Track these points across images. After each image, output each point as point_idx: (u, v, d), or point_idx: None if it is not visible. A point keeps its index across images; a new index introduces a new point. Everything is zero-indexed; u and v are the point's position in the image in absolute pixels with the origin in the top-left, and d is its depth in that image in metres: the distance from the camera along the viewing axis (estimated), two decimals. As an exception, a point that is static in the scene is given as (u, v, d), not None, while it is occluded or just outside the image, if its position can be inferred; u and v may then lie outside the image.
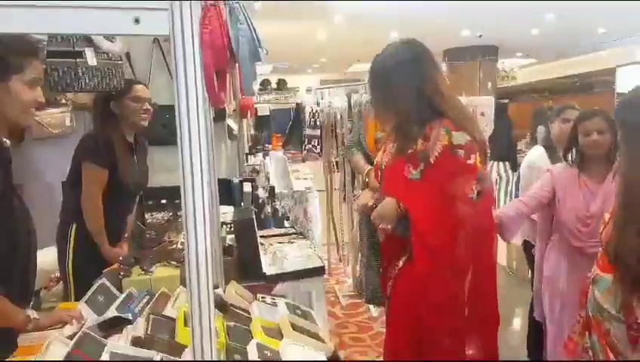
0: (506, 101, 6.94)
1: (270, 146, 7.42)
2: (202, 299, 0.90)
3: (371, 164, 2.12)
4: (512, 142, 6.45)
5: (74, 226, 2.28)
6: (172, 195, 2.72)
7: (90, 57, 1.66)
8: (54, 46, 1.65)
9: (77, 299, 1.84)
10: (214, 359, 0.91)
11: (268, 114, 10.17)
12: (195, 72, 0.89)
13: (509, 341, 3.16)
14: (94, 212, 2.24)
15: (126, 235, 2.47)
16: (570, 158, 2.27)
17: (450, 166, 1.64)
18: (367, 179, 2.08)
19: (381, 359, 2.86)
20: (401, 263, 1.74)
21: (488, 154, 1.96)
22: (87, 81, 1.70)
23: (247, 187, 2.38)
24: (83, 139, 2.34)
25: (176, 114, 0.89)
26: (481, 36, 7.47)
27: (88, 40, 1.70)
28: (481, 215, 1.68)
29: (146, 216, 2.73)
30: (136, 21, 0.87)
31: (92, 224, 2.26)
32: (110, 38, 1.74)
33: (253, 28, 1.73)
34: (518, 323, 3.64)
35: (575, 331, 1.79)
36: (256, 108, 10.34)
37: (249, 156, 5.23)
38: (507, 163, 5.92)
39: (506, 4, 5.65)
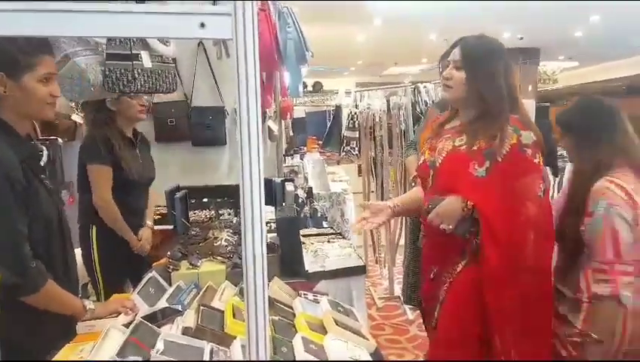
0: (548, 104, 6.80)
1: (305, 148, 7.47)
2: (258, 299, 0.94)
3: None
4: (553, 147, 6.28)
5: (94, 228, 2.38)
6: (213, 194, 2.81)
7: (146, 60, 1.74)
8: (112, 49, 1.74)
9: (106, 297, 1.91)
10: (268, 357, 0.95)
11: (303, 116, 10.24)
12: (255, 74, 0.92)
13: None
14: (109, 209, 2.33)
15: (149, 223, 2.58)
16: None
17: (520, 164, 1.63)
18: (413, 184, 2.06)
19: (418, 360, 2.87)
20: (460, 266, 1.69)
21: None
22: (142, 82, 1.78)
23: (289, 186, 2.43)
24: (83, 142, 2.44)
25: (237, 117, 0.93)
26: (522, 38, 7.35)
27: (144, 43, 1.78)
28: (548, 213, 1.70)
29: (190, 213, 2.82)
30: (202, 25, 0.92)
31: (111, 221, 2.35)
32: (164, 41, 1.82)
33: (301, 31, 1.78)
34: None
35: None
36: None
37: (286, 158, 5.30)
38: (548, 168, 5.79)
39: (549, 5, 5.54)
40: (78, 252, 2.44)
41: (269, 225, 2.36)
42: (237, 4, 0.91)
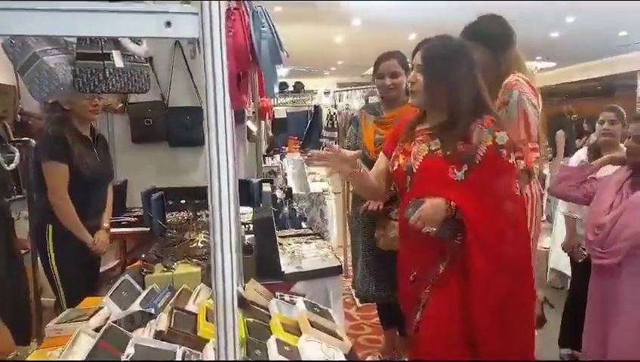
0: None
1: (287, 149, 7.45)
2: (227, 298, 0.93)
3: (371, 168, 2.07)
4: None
5: (50, 228, 2.34)
6: (191, 196, 2.79)
7: (118, 59, 1.71)
8: (83, 48, 1.71)
9: (69, 304, 1.88)
10: (238, 357, 0.94)
11: (284, 116, 10.21)
12: (222, 74, 0.91)
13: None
14: (65, 208, 2.30)
15: (105, 224, 2.55)
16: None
17: (497, 166, 1.65)
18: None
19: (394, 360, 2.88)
20: (441, 268, 1.69)
21: None
22: (113, 82, 1.75)
23: (266, 187, 2.42)
24: (39, 139, 2.44)
25: (205, 116, 0.92)
26: (499, 39, 7.43)
27: (115, 42, 1.75)
28: (525, 211, 1.77)
29: (167, 215, 2.79)
30: (168, 24, 0.90)
31: (66, 220, 2.32)
32: (136, 40, 1.79)
33: (276, 31, 1.77)
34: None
35: None
36: (273, 111, 10.43)
37: (266, 158, 5.28)
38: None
39: (525, 5, 5.61)
40: None
41: (247, 226, 2.35)
42: (204, 4, 0.90)
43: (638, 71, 8.04)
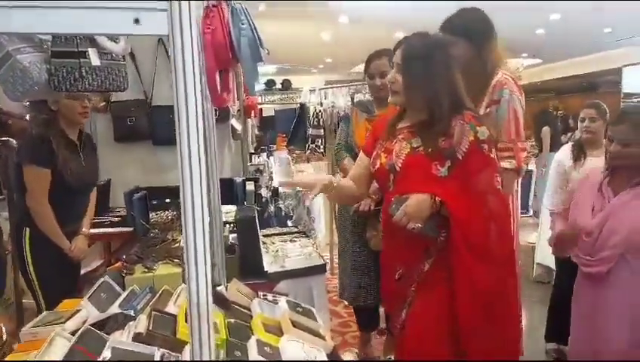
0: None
1: (275, 146, 7.42)
2: (201, 299, 0.92)
3: None
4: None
5: (27, 231, 2.29)
6: (176, 195, 2.75)
7: (94, 57, 1.68)
8: (58, 46, 1.67)
9: (47, 307, 1.85)
10: (212, 357, 0.93)
11: (273, 114, 10.18)
12: (194, 72, 0.89)
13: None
14: (43, 214, 2.25)
15: (84, 229, 2.49)
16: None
17: (479, 161, 1.66)
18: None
19: (382, 358, 2.88)
20: (427, 265, 1.69)
21: None
22: (90, 81, 1.71)
23: (249, 186, 2.40)
24: (23, 141, 2.37)
25: (176, 114, 0.90)
26: (485, 36, 7.46)
27: (91, 40, 1.71)
28: (507, 203, 1.78)
29: (151, 214, 2.76)
30: (137, 21, 0.88)
31: (44, 225, 2.26)
32: (113, 38, 1.76)
33: (255, 28, 1.75)
34: (526, 323, 3.63)
35: None
36: (260, 109, 10.38)
37: (254, 156, 5.25)
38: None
39: (511, 3, 5.63)
40: None
41: (231, 225, 2.32)
42: (173, 2, 0.88)
43: (623, 67, 8.09)
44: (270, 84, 11.13)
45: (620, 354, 1.85)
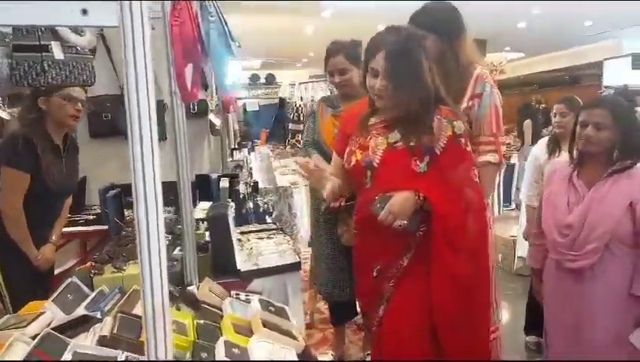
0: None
1: (259, 141, 7.37)
2: (156, 299, 0.88)
3: (329, 161, 2.01)
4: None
5: None
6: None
7: (57, 51, 1.62)
8: (19, 40, 1.61)
9: (15, 310, 1.78)
10: (169, 357, 0.89)
11: (257, 109, 10.11)
12: (145, 65, 0.85)
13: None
14: (15, 219, 2.14)
15: (54, 238, 2.36)
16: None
17: (457, 155, 1.66)
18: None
19: (362, 354, 2.87)
20: (406, 261, 1.68)
21: None
22: (53, 75, 1.65)
23: (224, 183, 2.35)
24: (3, 140, 2.22)
25: (127, 108, 0.86)
26: (468, 30, 7.47)
27: (54, 33, 1.65)
28: (483, 197, 1.77)
29: (127, 212, 2.70)
30: (84, 12, 0.84)
31: (14, 232, 2.15)
32: (78, 31, 1.70)
33: (226, 22, 1.71)
34: (507, 316, 3.65)
35: None
36: (245, 104, 10.31)
37: (236, 151, 5.20)
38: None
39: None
40: None
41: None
42: (123, -9, 0.84)
43: (604, 60, 8.16)
44: (254, 78, 11.04)
45: (609, 345, 1.85)
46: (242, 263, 1.85)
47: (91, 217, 3.10)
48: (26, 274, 2.18)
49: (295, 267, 1.90)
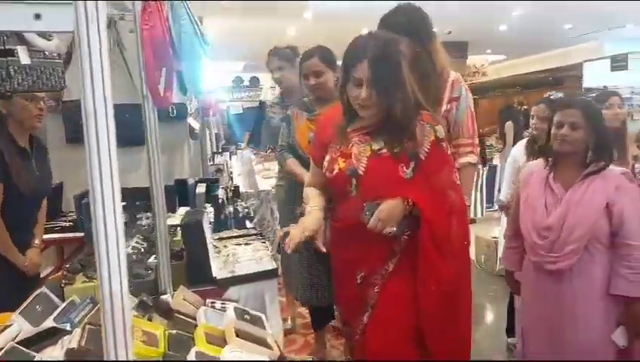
0: (476, 97, 7.00)
1: (243, 145, 7.31)
2: (116, 309, 0.86)
3: (307, 167, 1.99)
4: (480, 138, 6.55)
5: None
6: (130, 197, 2.65)
7: (23, 56, 1.58)
8: (-17, 44, 1.57)
9: None
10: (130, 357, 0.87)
11: (241, 112, 10.05)
12: (102, 70, 0.83)
13: (475, 337, 3.17)
14: None
15: (37, 241, 2.32)
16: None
17: (440, 159, 1.67)
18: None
19: (343, 359, 2.85)
20: (391, 266, 1.66)
21: None
22: (20, 80, 1.61)
23: (200, 188, 2.31)
24: None
25: (83, 115, 0.83)
26: (450, 33, 7.51)
27: (20, 37, 1.61)
28: (464, 199, 1.78)
29: (104, 218, 2.64)
30: (37, 17, 0.81)
31: None
32: (46, 35, 1.66)
33: (197, 24, 1.68)
34: (490, 317, 3.66)
35: None
36: (229, 107, 10.24)
37: (218, 155, 5.16)
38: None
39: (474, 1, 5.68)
40: None
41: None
42: (79, -5, 0.81)
43: (584, 62, 8.26)
44: (238, 81, 10.99)
45: (593, 345, 1.86)
46: (218, 270, 1.82)
47: (67, 224, 3.04)
48: (12, 280, 2.11)
49: (272, 274, 1.87)
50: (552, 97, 2.49)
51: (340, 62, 1.78)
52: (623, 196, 1.83)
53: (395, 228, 1.58)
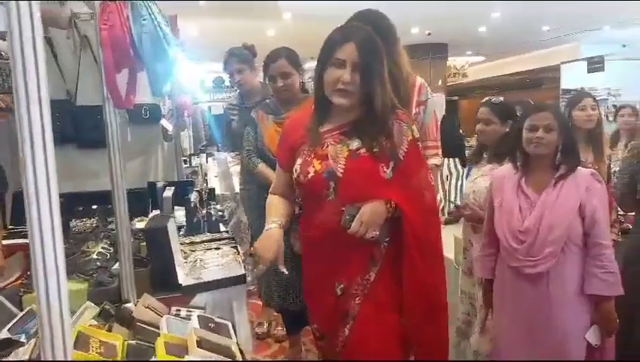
0: (456, 98, 7.05)
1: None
2: (53, 318, 0.83)
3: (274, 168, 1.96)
4: (460, 139, 6.61)
5: None
6: (101, 201, 2.59)
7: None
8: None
9: None
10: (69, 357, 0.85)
11: (222, 113, 9.94)
12: (37, 71, 0.79)
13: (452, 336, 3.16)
14: None
15: None
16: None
17: (417, 159, 1.65)
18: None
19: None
20: (373, 275, 1.59)
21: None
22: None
23: (167, 192, 2.26)
24: None
25: (17, 119, 0.79)
26: (430, 34, 7.55)
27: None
28: (436, 199, 1.80)
29: (74, 222, 2.58)
30: (-33, 15, 0.76)
31: None
32: (3, 36, 1.59)
33: (160, 24, 1.62)
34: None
35: None
36: (209, 107, 10.13)
37: (194, 157, 5.08)
38: (456, 159, 6.00)
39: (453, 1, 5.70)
40: None
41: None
42: (12, -6, 0.77)
43: (561, 64, 8.36)
44: (218, 81, 10.88)
45: (566, 345, 1.87)
46: (184, 277, 1.77)
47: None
48: None
49: (240, 280, 1.83)
50: (493, 101, 2.38)
51: (304, 65, 1.77)
52: (593, 197, 1.86)
53: (377, 232, 1.52)
